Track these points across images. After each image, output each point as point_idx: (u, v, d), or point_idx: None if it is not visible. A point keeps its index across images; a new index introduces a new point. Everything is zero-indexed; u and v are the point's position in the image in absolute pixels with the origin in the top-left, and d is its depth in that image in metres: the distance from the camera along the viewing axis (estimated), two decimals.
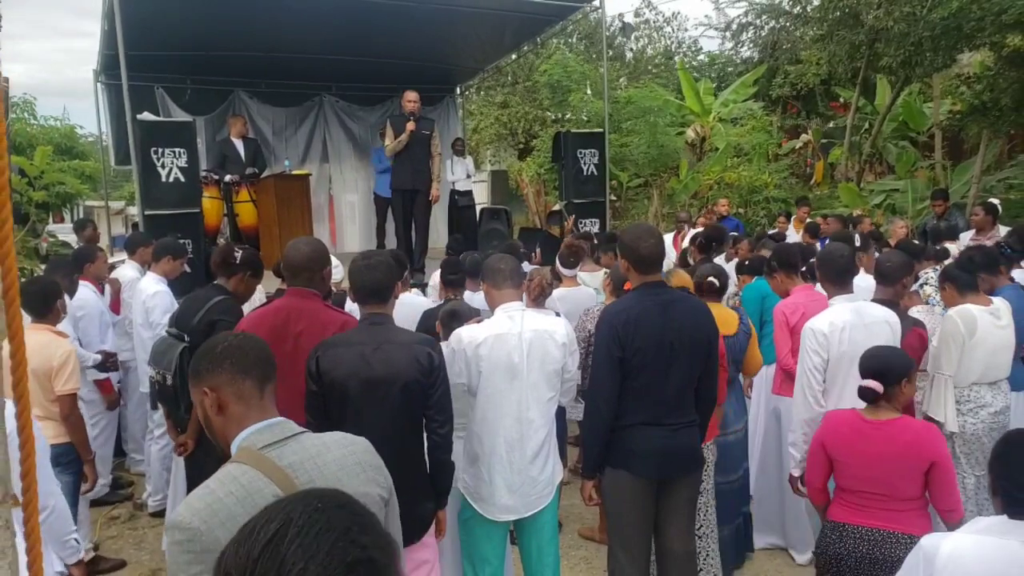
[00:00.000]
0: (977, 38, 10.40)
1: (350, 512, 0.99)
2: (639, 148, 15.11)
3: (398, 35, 9.34)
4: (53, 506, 2.79)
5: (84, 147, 21.54)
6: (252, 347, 1.85)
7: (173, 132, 7.52)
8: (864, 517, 2.85)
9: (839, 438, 2.92)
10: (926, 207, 10.79)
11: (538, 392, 3.26)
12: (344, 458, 1.76)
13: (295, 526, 0.94)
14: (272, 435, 1.74)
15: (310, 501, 0.98)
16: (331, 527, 0.95)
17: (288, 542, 0.93)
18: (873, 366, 2.88)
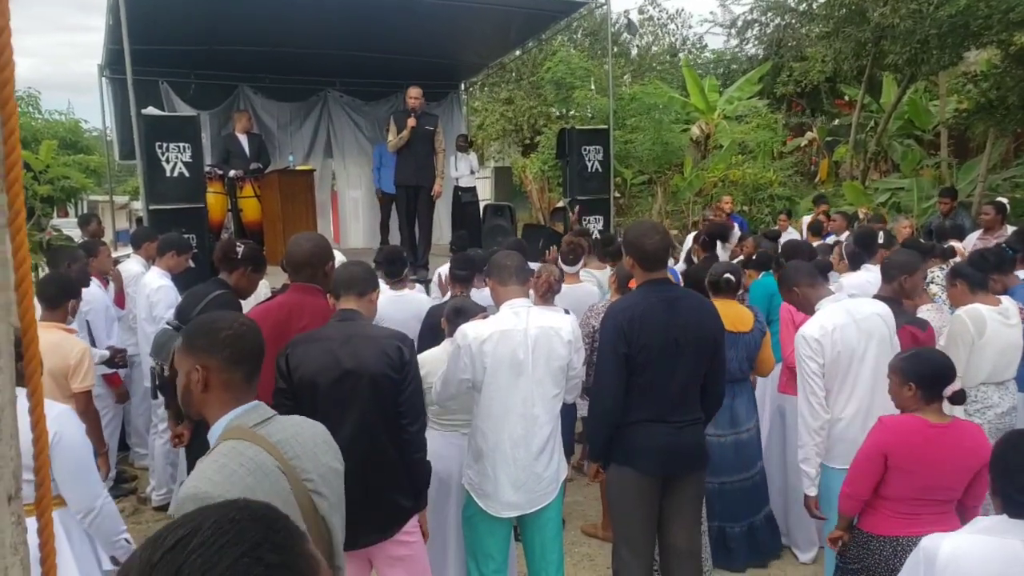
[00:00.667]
0: (984, 36, 10.35)
1: (266, 526, 0.92)
2: (643, 145, 15.07)
3: (403, 31, 9.32)
4: (100, 507, 2.80)
5: (88, 141, 21.56)
6: (251, 340, 1.94)
7: (177, 127, 7.52)
8: (919, 526, 2.74)
9: (909, 446, 2.78)
10: (931, 206, 10.76)
11: (543, 389, 3.24)
12: (315, 436, 1.94)
13: (201, 535, 0.89)
14: (257, 416, 1.87)
15: (228, 511, 0.93)
16: (239, 540, 0.89)
17: (189, 551, 0.87)
18: (945, 367, 2.81)
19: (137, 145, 7.27)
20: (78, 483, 2.76)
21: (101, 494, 2.83)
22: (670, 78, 19.23)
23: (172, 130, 7.40)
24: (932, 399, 2.80)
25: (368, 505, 2.79)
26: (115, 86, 9.97)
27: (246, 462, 1.73)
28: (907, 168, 13.75)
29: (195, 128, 7.62)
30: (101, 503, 2.80)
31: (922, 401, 2.81)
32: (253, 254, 4.01)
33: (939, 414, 2.81)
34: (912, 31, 10.78)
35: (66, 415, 2.76)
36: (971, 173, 12.57)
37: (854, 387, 3.49)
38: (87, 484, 2.78)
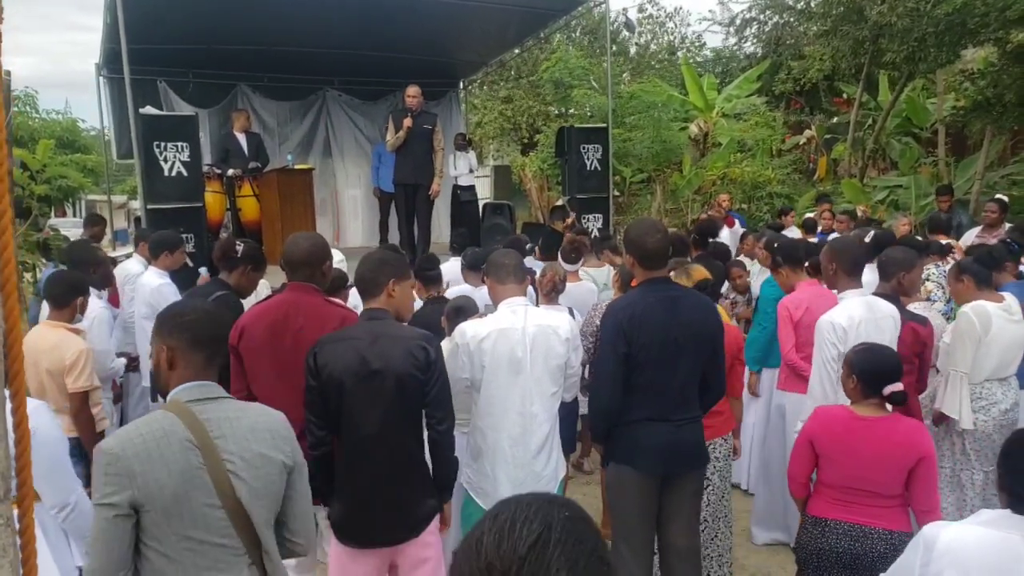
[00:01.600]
0: (981, 34, 10.36)
1: (591, 527, 1.05)
2: (642, 143, 15.06)
3: (402, 29, 9.32)
4: (75, 502, 2.80)
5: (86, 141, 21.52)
6: (209, 326, 2.16)
7: (175, 126, 7.51)
8: (847, 513, 2.85)
9: (830, 434, 2.91)
10: (929, 203, 10.76)
11: (541, 387, 3.24)
12: (256, 423, 2.10)
13: (555, 532, 0.99)
14: (200, 393, 2.08)
15: (560, 509, 1.04)
16: (583, 539, 1.01)
17: (552, 547, 0.98)
18: (890, 367, 2.87)
19: (135, 144, 7.26)
20: (53, 478, 2.75)
21: (76, 489, 2.82)
22: (669, 76, 19.22)
23: (170, 129, 7.39)
24: (871, 394, 2.87)
25: (393, 504, 2.81)
26: (113, 85, 9.97)
27: (155, 429, 1.97)
28: (905, 166, 13.75)
29: (193, 127, 7.62)
30: (76, 499, 2.80)
31: (861, 394, 2.89)
32: (253, 253, 4.01)
33: (875, 408, 2.86)
34: (910, 29, 10.78)
35: (41, 410, 2.74)
36: (968, 171, 12.57)
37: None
38: (62, 479, 2.78)
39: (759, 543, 4.75)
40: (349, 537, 2.86)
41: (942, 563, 2.00)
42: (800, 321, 4.20)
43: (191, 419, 2.01)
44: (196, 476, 1.97)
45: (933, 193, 9.70)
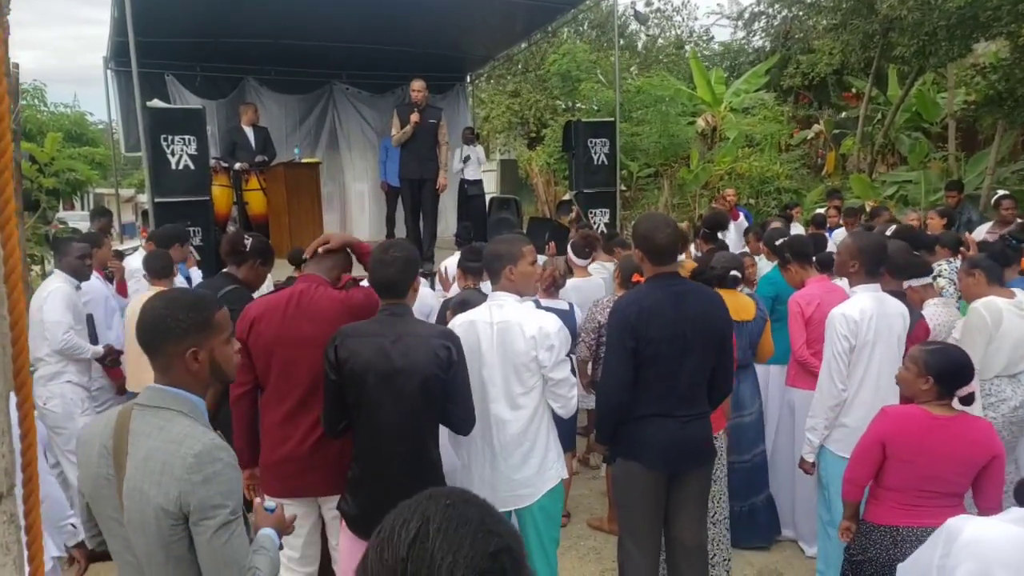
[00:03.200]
0: (993, 27, 10.27)
1: (477, 506, 1.05)
2: (650, 138, 15.02)
3: (408, 22, 9.30)
4: (46, 494, 2.78)
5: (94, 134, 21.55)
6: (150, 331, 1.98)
7: (182, 119, 7.50)
8: (917, 517, 2.77)
9: (908, 436, 2.79)
10: (939, 199, 10.70)
11: (507, 386, 3.10)
12: (155, 451, 1.86)
13: (434, 523, 1.00)
14: (146, 397, 1.94)
15: (440, 499, 1.04)
16: (467, 520, 1.01)
17: (432, 539, 0.98)
18: (968, 368, 2.81)
19: (142, 138, 7.25)
20: None
21: (46, 480, 2.80)
22: (676, 70, 19.16)
23: (177, 122, 7.39)
24: (945, 396, 2.80)
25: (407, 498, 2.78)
26: (120, 79, 9.97)
27: (95, 426, 1.99)
28: (914, 161, 13.68)
29: (200, 120, 7.61)
30: (47, 490, 2.77)
31: (935, 396, 2.81)
32: (261, 247, 4.00)
33: (946, 408, 2.81)
34: (920, 23, 10.70)
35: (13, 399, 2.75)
36: (979, 166, 12.49)
37: (864, 376, 3.53)
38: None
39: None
40: (361, 529, 2.85)
41: (962, 555, 1.98)
42: (811, 317, 4.18)
43: (122, 424, 1.91)
44: (105, 486, 1.90)
45: (943, 189, 9.63)
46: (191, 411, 1.94)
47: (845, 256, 3.67)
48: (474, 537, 0.99)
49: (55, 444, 4.55)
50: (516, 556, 1.03)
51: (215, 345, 1.99)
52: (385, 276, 2.88)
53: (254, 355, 3.08)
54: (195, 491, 1.81)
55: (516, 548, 1.04)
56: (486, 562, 0.98)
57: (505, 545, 1.02)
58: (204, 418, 1.98)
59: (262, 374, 3.11)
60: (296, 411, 3.04)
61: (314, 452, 3.00)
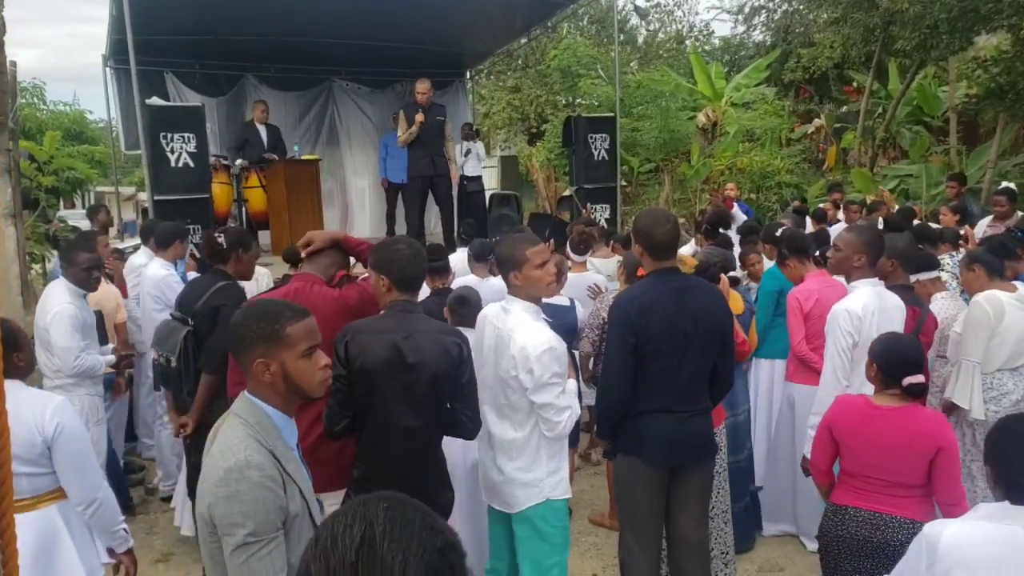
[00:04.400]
0: (994, 20, 10.24)
1: (415, 507, 1.06)
2: (650, 133, 14.99)
3: (408, 19, 9.28)
4: (102, 499, 2.79)
5: (94, 132, 21.54)
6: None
7: (181, 117, 7.50)
8: (866, 501, 2.83)
9: (847, 423, 2.90)
10: (940, 192, 10.68)
11: (493, 393, 3.09)
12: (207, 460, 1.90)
13: (378, 525, 1.00)
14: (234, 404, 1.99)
15: (377, 503, 1.05)
16: (410, 521, 1.02)
17: (379, 541, 0.98)
18: (912, 358, 2.85)
19: (141, 135, 7.25)
20: (79, 475, 2.75)
21: (102, 485, 2.82)
22: (677, 65, 19.11)
23: (176, 120, 7.38)
24: (891, 384, 2.84)
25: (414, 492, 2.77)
26: (120, 77, 9.96)
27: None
28: (916, 154, 13.65)
29: (199, 118, 7.60)
30: (102, 495, 2.79)
31: (881, 383, 2.88)
32: (236, 237, 4.03)
33: (894, 398, 2.83)
34: (921, 16, 10.67)
35: (64, 406, 2.74)
36: (980, 159, 12.47)
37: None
38: (88, 476, 2.78)
39: (767, 535, 4.73)
40: None
41: (948, 562, 1.98)
42: (810, 312, 4.17)
43: (218, 425, 2.02)
44: None
45: (944, 182, 9.61)
46: (257, 423, 1.90)
47: (849, 251, 3.63)
48: (420, 536, 1.00)
49: None
50: (460, 552, 1.04)
51: (286, 358, 1.93)
52: (420, 270, 2.90)
53: None
54: (218, 504, 1.79)
55: (458, 544, 1.05)
56: (436, 558, 0.99)
57: (449, 541, 1.03)
58: (274, 433, 1.92)
59: None
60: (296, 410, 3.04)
61: (315, 449, 2.99)
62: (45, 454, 2.68)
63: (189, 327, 3.79)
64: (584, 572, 4.36)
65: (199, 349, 3.77)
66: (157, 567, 4.56)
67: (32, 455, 2.66)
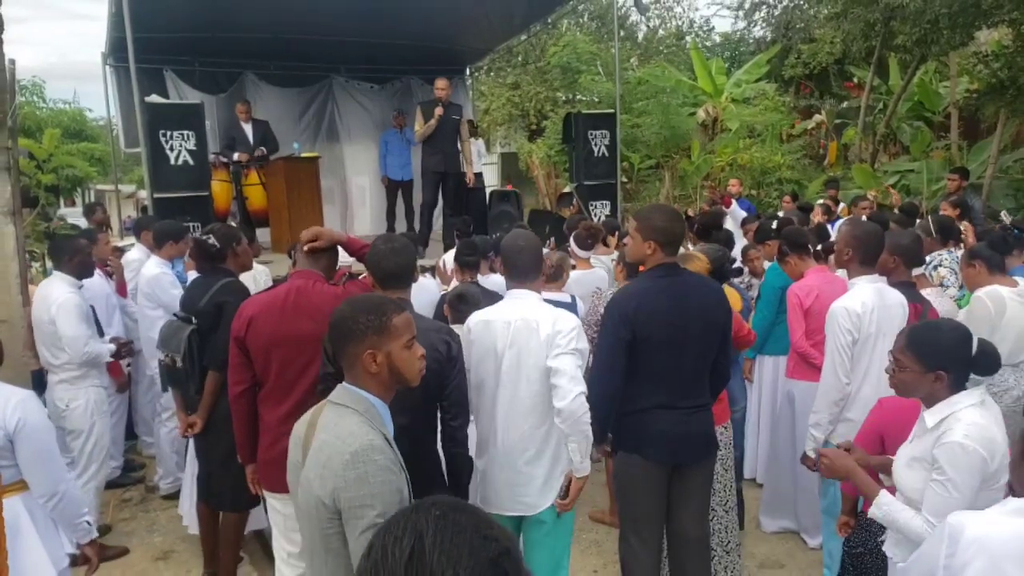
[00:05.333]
0: (995, 15, 10.22)
1: (469, 512, 1.04)
2: (651, 129, 14.98)
3: (407, 15, 9.26)
4: (64, 492, 2.82)
5: (94, 130, 21.55)
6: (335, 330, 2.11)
7: (181, 115, 7.48)
8: None
9: (904, 427, 2.71)
10: (941, 188, 10.67)
11: (515, 388, 3.05)
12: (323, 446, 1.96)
13: (428, 537, 0.98)
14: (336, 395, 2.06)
15: (429, 510, 1.03)
16: (461, 529, 0.99)
17: (428, 554, 0.96)
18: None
19: (141, 133, 7.24)
20: (41, 468, 2.77)
21: (64, 478, 2.84)
22: (677, 61, 19.09)
23: (176, 118, 7.36)
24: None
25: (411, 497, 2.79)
26: (119, 74, 9.94)
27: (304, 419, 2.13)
28: (917, 150, 13.64)
29: (199, 116, 7.59)
30: (64, 488, 2.81)
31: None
32: (226, 233, 4.03)
33: None
34: (922, 11, 10.65)
35: (29, 400, 2.77)
36: (981, 154, 12.46)
37: (867, 369, 3.49)
38: (50, 469, 2.79)
39: (768, 531, 4.73)
40: None
41: (969, 553, 1.93)
42: (810, 308, 4.16)
43: (314, 417, 2.04)
44: (294, 472, 2.05)
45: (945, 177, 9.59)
46: (365, 411, 1.99)
47: (840, 244, 3.66)
48: (471, 546, 0.97)
49: (73, 446, 4.55)
50: (515, 558, 1.01)
51: (393, 349, 2.04)
52: (397, 264, 2.85)
53: (252, 353, 3.07)
54: (348, 488, 1.84)
55: (514, 550, 1.02)
56: (488, 569, 0.97)
57: (504, 549, 1.00)
58: (380, 420, 2.02)
59: (261, 372, 3.10)
60: (296, 409, 3.02)
61: None
62: (8, 447, 2.72)
63: (193, 326, 3.78)
64: (584, 569, 4.35)
65: (204, 347, 3.76)
66: (157, 564, 4.56)
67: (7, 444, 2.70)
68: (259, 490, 3.29)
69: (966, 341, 2.40)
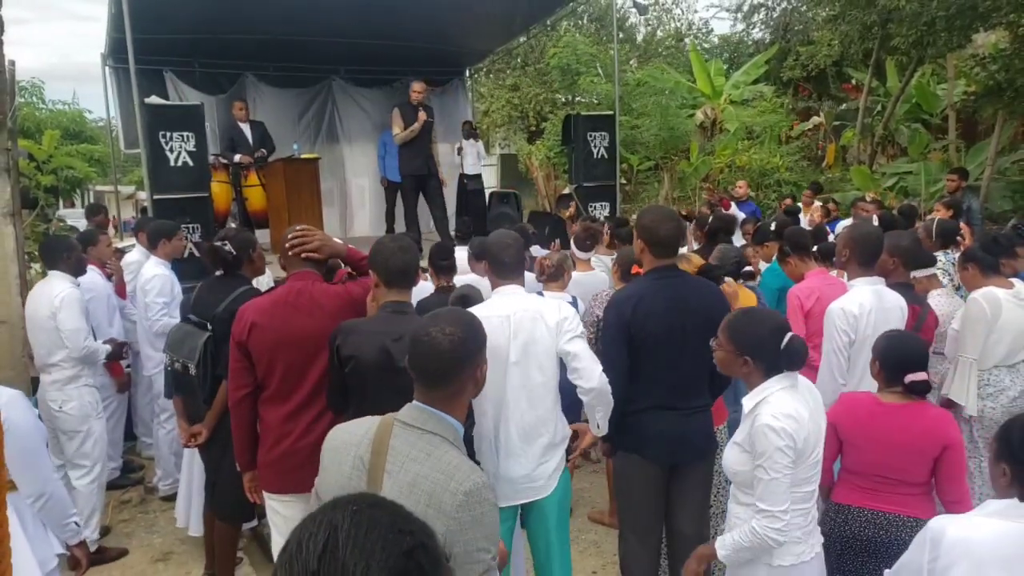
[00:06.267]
0: (992, 17, 10.25)
1: (386, 508, 1.04)
2: (650, 130, 15.00)
3: (407, 17, 9.27)
4: (51, 492, 2.81)
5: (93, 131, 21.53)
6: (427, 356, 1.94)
7: (181, 116, 7.48)
8: (872, 500, 2.81)
9: (854, 421, 2.86)
10: (939, 189, 10.69)
11: (533, 374, 3.06)
12: (421, 478, 1.75)
13: (343, 531, 0.98)
14: (410, 416, 1.88)
15: (346, 506, 1.02)
16: (376, 524, 0.99)
17: (342, 547, 0.96)
18: (915, 356, 2.83)
19: (140, 134, 7.24)
20: (28, 469, 2.75)
21: (51, 479, 2.83)
22: (676, 63, 19.12)
23: (175, 119, 7.36)
24: (892, 382, 2.83)
25: None
26: (119, 76, 9.94)
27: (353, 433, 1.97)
28: (915, 152, 13.67)
29: (199, 117, 7.59)
30: (51, 488, 2.80)
31: (884, 381, 2.87)
32: (242, 240, 3.92)
33: (899, 395, 2.82)
34: (919, 13, 10.67)
35: (15, 401, 2.75)
36: (980, 156, 12.48)
37: (864, 371, 3.47)
38: (36, 470, 2.78)
39: None
40: None
41: (952, 556, 1.95)
42: (811, 311, 4.17)
43: (382, 439, 1.84)
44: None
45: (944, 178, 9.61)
46: (455, 439, 1.85)
47: (839, 245, 3.69)
48: (385, 540, 0.98)
49: (66, 447, 4.55)
50: (431, 552, 1.01)
51: (484, 363, 1.99)
52: (405, 262, 2.85)
53: (255, 357, 3.05)
54: (463, 532, 1.69)
55: (430, 544, 1.02)
56: (401, 562, 0.97)
57: (419, 543, 1.00)
58: (463, 445, 1.89)
59: (264, 375, 3.08)
60: (299, 410, 3.04)
61: (315, 447, 2.98)
62: None
63: (209, 332, 3.68)
64: (584, 569, 4.36)
65: (218, 355, 3.63)
66: (157, 566, 4.57)
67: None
68: (257, 498, 3.28)
69: (775, 334, 2.49)
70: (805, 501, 2.49)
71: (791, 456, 2.39)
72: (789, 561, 2.48)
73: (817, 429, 2.49)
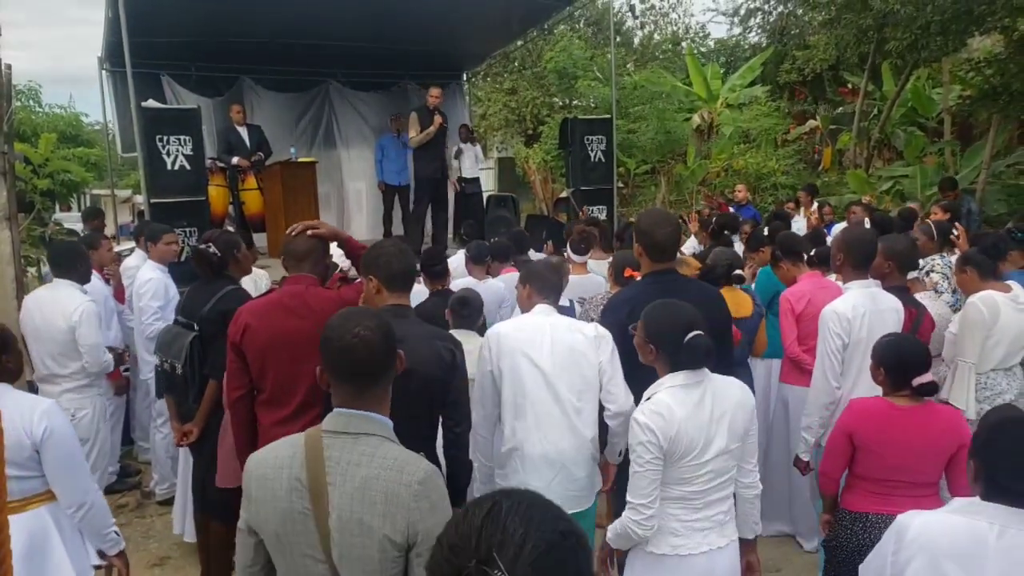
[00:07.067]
0: (987, 22, 10.28)
1: (548, 500, 1.11)
2: (646, 134, 15.02)
3: (404, 20, 9.28)
4: (92, 502, 2.79)
5: (90, 135, 21.52)
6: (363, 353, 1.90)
7: (177, 119, 7.48)
8: (887, 505, 2.78)
9: (872, 426, 2.83)
10: (935, 193, 10.72)
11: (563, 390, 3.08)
12: (372, 478, 1.73)
13: (506, 504, 1.06)
14: (338, 423, 1.82)
15: (510, 493, 1.11)
16: (538, 504, 1.08)
17: (505, 514, 1.04)
18: (918, 357, 2.82)
19: (137, 138, 7.24)
20: (69, 478, 2.75)
21: (92, 488, 2.82)
22: (673, 67, 19.15)
23: (172, 123, 7.36)
24: (899, 385, 2.83)
25: None
26: (116, 79, 9.93)
27: (280, 456, 1.87)
28: (910, 155, 13.71)
29: (195, 120, 7.59)
30: (92, 498, 2.79)
31: (891, 386, 2.86)
32: (227, 241, 3.97)
33: (908, 398, 2.82)
34: (914, 17, 10.70)
35: (54, 410, 2.75)
36: (975, 159, 12.52)
37: (859, 373, 3.49)
38: (77, 479, 2.77)
39: (764, 535, 4.71)
40: None
41: (911, 550, 2.02)
42: (803, 313, 4.18)
43: (315, 454, 1.78)
44: (299, 521, 1.76)
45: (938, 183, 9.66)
46: (389, 434, 1.84)
47: (833, 249, 3.71)
48: (544, 517, 1.06)
49: None
50: (583, 543, 1.08)
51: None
52: (406, 265, 2.87)
53: (249, 358, 3.06)
54: (423, 519, 1.70)
55: (583, 537, 1.09)
56: (556, 537, 1.04)
57: (574, 529, 1.08)
58: (397, 439, 1.88)
59: (258, 377, 3.08)
60: (295, 414, 3.03)
61: None
62: (34, 457, 2.68)
63: (195, 332, 3.72)
64: None
65: (206, 355, 3.70)
66: (153, 571, 4.56)
67: (20, 458, 2.65)
68: None
69: (680, 328, 2.55)
70: (690, 499, 2.54)
71: (654, 452, 2.44)
72: (663, 551, 2.54)
73: (702, 431, 2.49)
